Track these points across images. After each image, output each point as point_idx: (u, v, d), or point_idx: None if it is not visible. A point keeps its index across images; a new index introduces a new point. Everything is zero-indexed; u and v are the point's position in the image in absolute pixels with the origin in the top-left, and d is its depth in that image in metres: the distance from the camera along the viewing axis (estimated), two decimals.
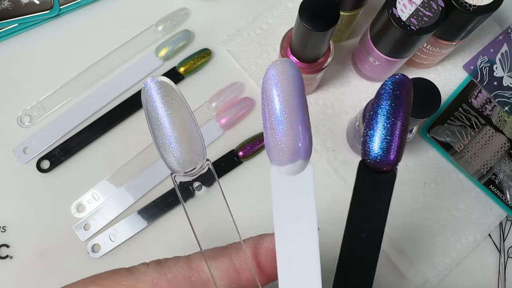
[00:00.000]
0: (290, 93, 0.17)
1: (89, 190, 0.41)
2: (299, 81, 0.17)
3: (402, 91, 0.17)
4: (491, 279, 0.42)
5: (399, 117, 0.17)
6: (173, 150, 0.17)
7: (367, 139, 0.18)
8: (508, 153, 0.43)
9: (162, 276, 0.18)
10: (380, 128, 0.17)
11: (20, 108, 0.42)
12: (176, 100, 0.17)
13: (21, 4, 0.43)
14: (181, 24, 0.45)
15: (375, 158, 0.18)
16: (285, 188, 0.18)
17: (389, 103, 0.17)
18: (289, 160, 0.17)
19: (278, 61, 0.17)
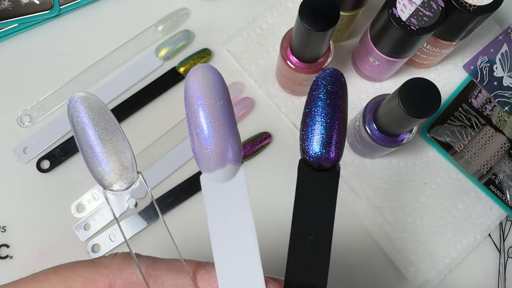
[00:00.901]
0: (211, 98, 0.16)
1: (89, 190, 0.41)
2: (220, 85, 0.16)
3: (337, 86, 0.16)
4: (491, 279, 0.42)
5: (336, 112, 0.16)
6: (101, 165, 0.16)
7: (304, 136, 0.17)
8: (508, 153, 0.43)
9: (119, 273, 0.18)
10: (317, 125, 0.17)
11: (20, 108, 0.42)
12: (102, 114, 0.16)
13: (21, 4, 0.43)
14: (181, 24, 0.45)
15: (314, 156, 0.17)
16: (218, 196, 0.17)
17: (324, 99, 0.16)
18: (217, 165, 0.17)
19: (198, 67, 0.17)
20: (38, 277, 0.18)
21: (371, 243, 0.41)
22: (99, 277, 0.18)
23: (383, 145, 0.36)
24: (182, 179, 0.41)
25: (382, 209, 0.41)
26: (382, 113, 0.35)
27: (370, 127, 0.36)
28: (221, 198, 0.17)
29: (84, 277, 0.17)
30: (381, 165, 0.43)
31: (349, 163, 0.42)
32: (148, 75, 0.44)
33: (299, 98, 0.43)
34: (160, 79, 0.43)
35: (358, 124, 0.37)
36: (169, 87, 0.43)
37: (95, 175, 0.17)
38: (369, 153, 0.40)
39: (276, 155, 0.42)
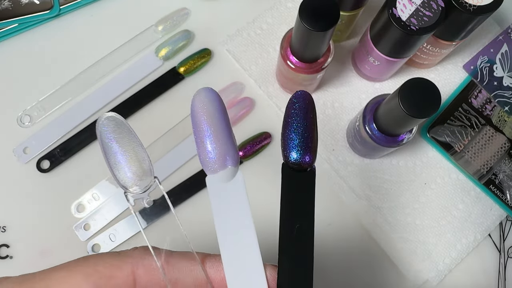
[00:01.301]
0: (213, 114, 0.20)
1: (89, 190, 0.41)
2: (219, 104, 0.21)
3: (306, 103, 0.21)
4: (491, 279, 0.42)
5: (308, 124, 0.21)
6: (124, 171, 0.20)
7: (285, 144, 0.21)
8: (508, 153, 0.43)
9: (141, 261, 0.20)
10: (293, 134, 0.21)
11: (20, 108, 0.42)
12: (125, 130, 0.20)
13: (21, 4, 0.43)
14: (181, 24, 0.45)
15: (294, 160, 0.21)
16: (221, 194, 0.21)
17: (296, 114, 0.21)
18: (220, 166, 0.20)
19: (201, 90, 0.20)
20: (69, 264, 0.20)
21: (371, 243, 0.41)
22: (124, 264, 0.20)
23: (383, 145, 0.36)
24: (182, 179, 0.41)
25: (382, 209, 0.41)
26: (382, 113, 0.35)
27: (370, 127, 0.36)
28: (223, 196, 0.21)
29: (110, 264, 0.20)
30: (381, 165, 0.43)
31: (349, 163, 0.42)
32: (148, 75, 0.44)
33: None
34: (160, 79, 0.43)
35: (358, 124, 0.37)
36: (169, 87, 0.43)
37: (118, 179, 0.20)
38: (369, 153, 0.40)
39: (276, 155, 0.42)
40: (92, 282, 0.19)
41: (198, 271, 0.21)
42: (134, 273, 0.20)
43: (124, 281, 0.20)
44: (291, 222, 0.21)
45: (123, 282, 0.19)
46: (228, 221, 0.21)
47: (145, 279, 0.20)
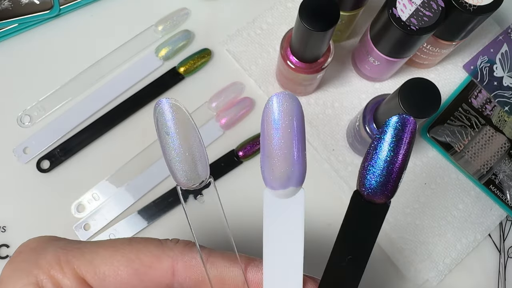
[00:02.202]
0: (289, 126, 0.17)
1: (89, 190, 0.41)
2: (300, 114, 0.17)
3: (408, 133, 0.18)
4: (491, 279, 0.42)
5: (401, 156, 0.18)
6: (180, 167, 0.18)
7: (366, 171, 0.18)
8: (508, 153, 0.43)
9: (181, 256, 0.20)
10: (380, 164, 0.18)
11: (20, 108, 0.42)
12: (186, 121, 0.18)
13: (21, 4, 0.43)
14: (181, 24, 0.45)
15: (372, 190, 0.18)
16: (276, 209, 0.19)
17: (393, 142, 0.18)
18: (281, 186, 0.18)
19: (281, 96, 0.17)
20: (115, 243, 0.20)
21: None
22: (165, 257, 0.20)
23: None
24: None
25: None
26: (382, 113, 0.35)
27: (370, 127, 0.36)
28: (278, 212, 0.19)
29: (152, 254, 0.20)
30: None
31: (349, 163, 0.42)
32: (148, 75, 0.44)
33: (299, 98, 0.43)
34: (160, 79, 0.43)
35: (358, 124, 0.37)
36: (169, 87, 0.43)
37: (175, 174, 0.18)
38: None
39: None
40: (132, 268, 0.19)
41: (236, 271, 0.20)
42: (173, 267, 0.20)
43: (162, 273, 0.20)
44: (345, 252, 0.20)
45: (161, 275, 0.20)
46: (279, 235, 0.20)
47: (183, 275, 0.20)
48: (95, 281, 0.19)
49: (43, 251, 0.20)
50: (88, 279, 0.20)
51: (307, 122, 0.43)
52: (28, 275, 0.19)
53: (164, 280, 0.20)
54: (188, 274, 0.20)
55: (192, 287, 0.21)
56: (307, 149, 0.44)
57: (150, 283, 0.20)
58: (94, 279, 0.19)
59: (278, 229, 0.20)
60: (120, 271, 0.19)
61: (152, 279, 0.20)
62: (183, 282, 0.20)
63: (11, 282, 0.19)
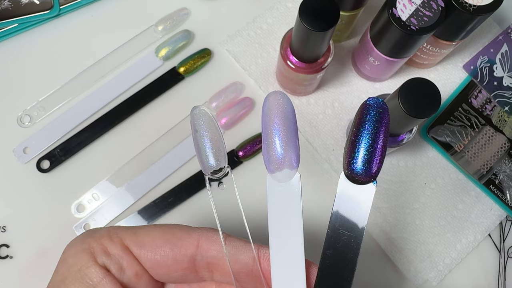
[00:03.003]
0: (286, 117, 0.21)
1: (89, 190, 0.41)
2: (291, 108, 0.21)
3: (384, 116, 0.20)
4: (491, 279, 0.42)
5: (381, 138, 0.20)
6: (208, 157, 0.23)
7: (351, 154, 0.20)
8: (508, 153, 0.43)
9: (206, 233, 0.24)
10: (363, 146, 0.19)
11: (20, 108, 0.42)
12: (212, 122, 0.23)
13: (21, 4, 0.43)
14: (181, 24, 0.45)
15: (358, 172, 0.20)
16: (278, 192, 0.22)
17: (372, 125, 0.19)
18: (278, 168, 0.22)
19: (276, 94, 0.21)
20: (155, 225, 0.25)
21: (371, 243, 0.41)
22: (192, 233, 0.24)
23: None
24: (182, 179, 0.41)
25: (382, 209, 0.41)
26: None
27: None
28: (280, 195, 0.22)
29: (183, 230, 0.24)
30: None
31: None
32: (148, 75, 0.44)
33: (299, 98, 0.43)
34: (160, 79, 0.43)
35: None
36: (169, 87, 0.43)
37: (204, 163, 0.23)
38: None
39: None
40: (166, 238, 0.24)
41: (249, 252, 0.24)
42: (198, 241, 0.24)
43: (189, 245, 0.24)
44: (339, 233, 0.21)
45: (188, 246, 0.24)
46: (280, 217, 0.22)
47: (206, 248, 0.24)
48: (136, 249, 0.24)
49: (97, 230, 0.24)
50: (131, 247, 0.24)
51: (307, 122, 0.43)
52: (83, 243, 0.23)
53: (190, 250, 0.24)
54: (209, 247, 0.24)
55: (211, 260, 0.24)
56: (307, 149, 0.44)
57: (178, 252, 0.24)
58: (136, 247, 0.24)
59: (280, 211, 0.22)
60: (156, 240, 0.24)
61: (180, 248, 0.24)
62: (204, 255, 0.24)
63: (71, 248, 0.23)
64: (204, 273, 0.25)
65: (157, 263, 0.24)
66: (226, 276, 0.25)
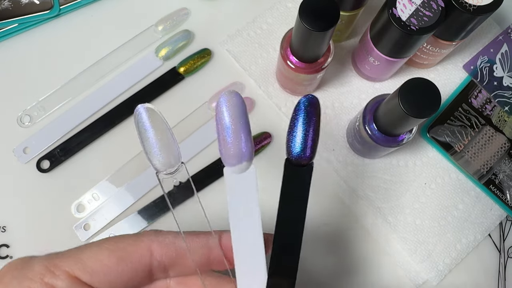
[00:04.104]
0: (236, 115, 0.23)
1: (89, 190, 0.41)
2: (242, 105, 0.23)
3: (314, 108, 0.24)
4: (491, 279, 0.42)
5: (311, 127, 0.24)
6: (157, 155, 0.23)
7: (289, 143, 0.24)
8: (508, 153, 0.43)
9: (156, 238, 0.24)
10: (298, 134, 0.24)
11: (20, 108, 0.42)
12: (158, 119, 0.23)
13: (21, 4, 0.43)
14: (181, 24, 0.45)
15: (296, 155, 0.24)
16: (236, 183, 0.25)
17: (304, 117, 0.24)
18: (237, 161, 0.23)
19: (227, 92, 0.23)
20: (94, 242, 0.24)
21: (371, 243, 0.41)
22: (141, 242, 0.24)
23: (383, 145, 0.36)
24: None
25: (382, 209, 0.41)
26: (382, 113, 0.35)
27: (370, 127, 0.36)
28: (237, 185, 0.25)
29: (129, 241, 0.24)
30: (381, 165, 0.43)
31: (349, 163, 0.42)
32: (148, 75, 0.44)
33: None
34: (160, 79, 0.43)
35: (358, 124, 0.37)
36: (169, 87, 0.43)
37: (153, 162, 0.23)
38: (369, 153, 0.40)
39: (276, 155, 0.42)
40: (115, 256, 0.23)
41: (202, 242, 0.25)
42: (150, 247, 0.24)
43: (142, 254, 0.23)
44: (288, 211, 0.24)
45: (141, 255, 0.23)
46: (239, 205, 0.25)
47: (160, 253, 0.24)
48: (86, 276, 0.22)
49: (28, 266, 0.22)
50: (80, 276, 0.22)
51: None
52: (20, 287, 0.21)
53: (144, 260, 0.23)
54: (163, 251, 0.24)
55: (169, 263, 0.24)
56: None
57: (133, 265, 0.23)
58: (85, 275, 0.22)
59: (239, 200, 0.25)
60: (105, 262, 0.23)
61: (134, 261, 0.23)
62: (160, 260, 0.24)
63: None
64: (159, 275, 0.25)
65: (113, 283, 0.23)
66: (184, 271, 0.25)
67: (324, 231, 0.41)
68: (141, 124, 0.24)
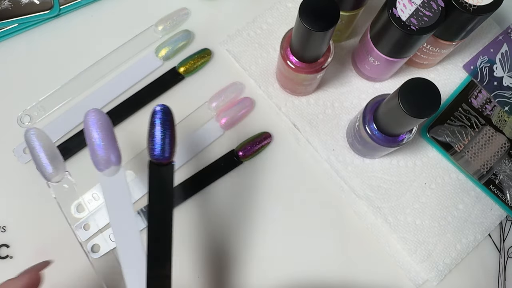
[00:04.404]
0: (101, 127, 0.28)
1: (89, 190, 0.41)
2: (106, 121, 0.28)
3: (167, 116, 0.28)
4: (491, 279, 0.42)
5: (167, 131, 0.28)
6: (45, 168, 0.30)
7: (150, 146, 0.28)
8: (508, 153, 0.43)
9: None
10: (157, 139, 0.27)
11: (20, 108, 0.42)
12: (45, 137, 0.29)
13: (21, 4, 0.43)
14: (181, 24, 0.45)
15: (156, 157, 0.28)
16: (109, 186, 0.28)
17: (160, 124, 0.28)
18: (106, 166, 0.28)
19: (90, 110, 0.28)
20: None
21: (372, 243, 0.41)
22: None
23: (383, 145, 0.36)
24: (182, 179, 0.41)
25: (382, 209, 0.41)
26: (382, 113, 0.35)
27: (370, 127, 0.36)
28: (110, 187, 0.29)
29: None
30: (381, 165, 0.43)
31: (349, 163, 0.42)
32: (148, 75, 0.44)
33: (299, 98, 0.43)
34: (160, 79, 0.43)
35: (358, 124, 0.37)
36: (169, 87, 0.43)
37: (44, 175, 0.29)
38: (369, 153, 0.40)
39: (276, 155, 0.42)
40: None
41: None
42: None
43: None
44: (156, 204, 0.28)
45: None
46: (114, 204, 0.29)
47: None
48: None
49: None
50: None
51: (307, 122, 0.43)
52: None
53: None
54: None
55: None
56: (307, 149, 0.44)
57: None
58: None
59: (114, 199, 0.28)
60: None
61: None
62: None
63: None
64: None
65: None
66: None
67: (324, 231, 0.41)
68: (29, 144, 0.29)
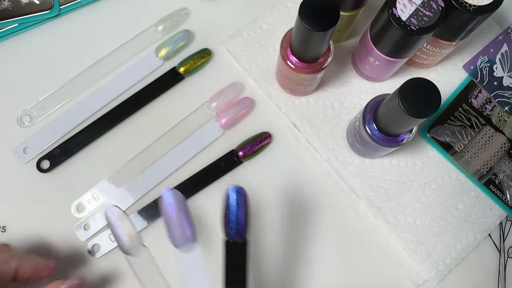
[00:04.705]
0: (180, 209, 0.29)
1: (89, 190, 0.41)
2: (183, 202, 0.29)
3: (242, 199, 0.29)
4: (491, 279, 0.42)
5: (241, 216, 0.28)
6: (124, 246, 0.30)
7: (225, 227, 0.29)
8: (508, 153, 0.43)
9: None
10: (232, 221, 0.28)
11: (20, 108, 0.42)
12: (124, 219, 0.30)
13: (21, 4, 0.43)
14: (181, 24, 0.45)
15: (233, 237, 0.29)
16: (186, 261, 0.30)
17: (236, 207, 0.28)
18: (184, 244, 0.29)
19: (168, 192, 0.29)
20: None
21: (372, 243, 0.41)
22: None
23: (383, 145, 0.36)
24: (182, 179, 0.41)
25: (382, 209, 0.41)
26: (382, 113, 0.35)
27: (370, 127, 0.36)
28: (188, 262, 0.30)
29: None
30: (381, 165, 0.43)
31: (349, 163, 0.42)
32: (148, 75, 0.44)
33: (299, 98, 0.43)
34: (160, 79, 0.43)
35: (358, 124, 0.37)
36: (169, 87, 0.43)
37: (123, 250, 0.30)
38: (369, 153, 0.40)
39: (276, 155, 0.42)
40: None
41: None
42: None
43: None
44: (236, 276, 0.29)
45: None
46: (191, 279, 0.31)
47: None
48: None
49: None
50: None
51: (307, 122, 0.43)
52: None
53: None
54: None
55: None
56: (307, 149, 0.44)
57: None
58: None
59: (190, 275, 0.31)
60: None
61: None
62: None
63: None
64: None
65: None
66: None
67: (324, 231, 0.41)
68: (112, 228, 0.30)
